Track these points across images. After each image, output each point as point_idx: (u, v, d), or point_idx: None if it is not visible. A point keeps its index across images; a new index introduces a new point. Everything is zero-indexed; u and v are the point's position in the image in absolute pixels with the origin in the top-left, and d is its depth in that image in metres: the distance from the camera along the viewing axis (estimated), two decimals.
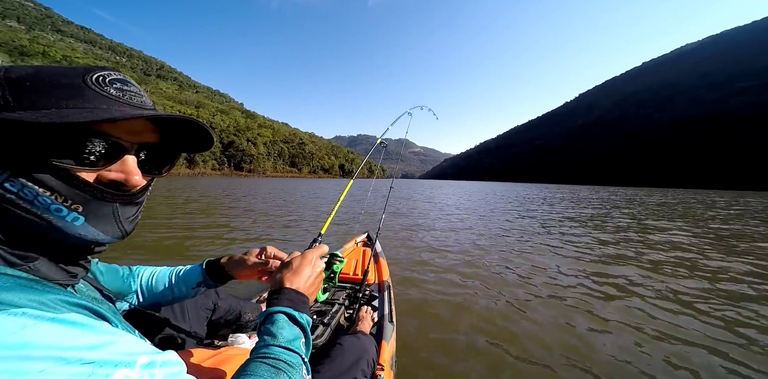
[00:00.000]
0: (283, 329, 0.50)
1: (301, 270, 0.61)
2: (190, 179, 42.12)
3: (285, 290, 0.57)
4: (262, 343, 0.48)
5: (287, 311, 0.53)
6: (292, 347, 0.47)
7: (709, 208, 12.71)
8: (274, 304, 0.54)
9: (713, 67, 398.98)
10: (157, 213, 6.76)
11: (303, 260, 0.63)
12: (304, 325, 0.53)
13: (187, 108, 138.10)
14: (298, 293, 0.58)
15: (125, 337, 0.32)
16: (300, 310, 0.55)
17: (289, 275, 0.60)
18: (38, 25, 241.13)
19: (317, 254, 0.67)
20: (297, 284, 0.59)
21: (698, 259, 3.96)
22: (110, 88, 0.36)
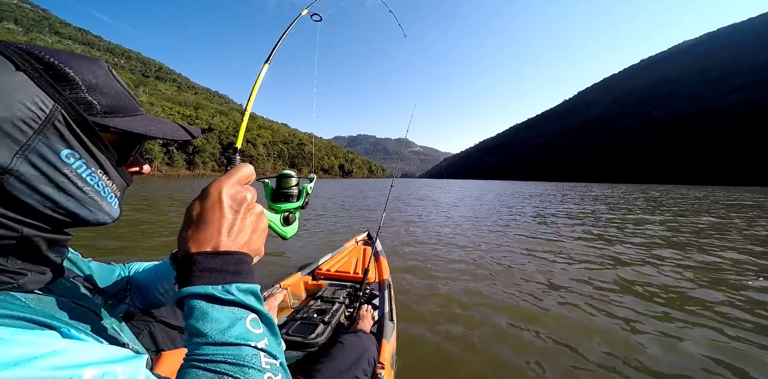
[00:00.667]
0: (205, 318, 0.33)
1: (206, 218, 0.36)
2: (190, 181, 42.26)
3: (192, 257, 0.34)
4: (188, 344, 0.33)
5: (202, 291, 0.33)
6: (228, 338, 0.32)
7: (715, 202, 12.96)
8: (184, 284, 0.34)
9: (710, 64, 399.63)
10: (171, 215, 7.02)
11: (204, 202, 0.37)
12: (238, 300, 0.34)
13: (186, 109, 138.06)
14: (217, 255, 0.35)
15: (73, 346, 0.28)
16: (228, 280, 0.35)
17: (189, 232, 0.36)
18: (36, 27, 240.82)
19: (231, 182, 0.39)
20: (208, 241, 0.35)
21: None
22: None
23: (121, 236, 4.44)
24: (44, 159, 0.33)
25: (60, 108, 0.33)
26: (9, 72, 0.31)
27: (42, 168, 0.33)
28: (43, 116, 0.32)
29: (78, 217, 0.37)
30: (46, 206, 0.34)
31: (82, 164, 0.36)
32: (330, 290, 1.60)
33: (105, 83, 0.38)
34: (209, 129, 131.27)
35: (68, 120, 0.34)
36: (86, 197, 0.37)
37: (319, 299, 1.49)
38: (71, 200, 0.36)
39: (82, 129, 0.35)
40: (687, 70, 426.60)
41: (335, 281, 1.81)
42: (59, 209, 0.35)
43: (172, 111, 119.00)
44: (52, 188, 0.34)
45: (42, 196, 0.33)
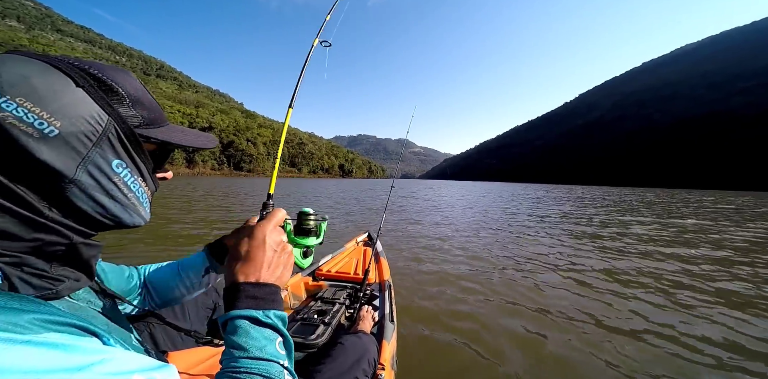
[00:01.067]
0: (247, 336, 0.41)
1: (252, 255, 0.48)
2: (191, 179, 41.86)
3: (240, 286, 0.45)
4: (228, 356, 0.40)
5: (248, 314, 0.43)
6: (264, 355, 0.40)
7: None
8: (232, 307, 0.44)
9: (713, 67, 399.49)
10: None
11: (252, 242, 0.49)
12: (275, 324, 0.44)
13: (187, 108, 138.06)
14: (259, 286, 0.46)
15: (118, 354, 0.30)
16: (266, 307, 0.45)
17: (239, 265, 0.47)
18: (38, 25, 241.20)
19: (271, 226, 0.51)
20: (254, 274, 0.46)
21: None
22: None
23: (122, 234, 4.42)
24: (99, 169, 0.37)
25: (112, 121, 0.37)
26: (70, 88, 0.34)
27: (97, 177, 0.37)
28: (100, 130, 0.36)
29: (121, 221, 0.41)
30: (97, 212, 0.38)
31: (128, 173, 0.40)
32: (330, 291, 1.62)
33: (143, 96, 0.42)
34: (210, 128, 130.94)
35: (119, 132, 0.38)
36: (129, 202, 0.41)
37: (320, 300, 1.50)
38: (118, 205, 0.40)
39: (129, 140, 0.40)
40: (689, 73, 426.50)
41: (335, 281, 1.82)
42: (107, 215, 0.39)
43: (173, 110, 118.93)
44: (104, 195, 0.38)
45: (96, 203, 0.38)
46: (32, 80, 0.32)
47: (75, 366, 0.26)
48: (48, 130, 0.32)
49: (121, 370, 0.28)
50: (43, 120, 0.32)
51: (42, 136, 0.32)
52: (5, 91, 0.31)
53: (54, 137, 0.32)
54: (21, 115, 0.31)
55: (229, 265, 0.48)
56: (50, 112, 0.32)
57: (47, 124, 0.32)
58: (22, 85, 0.32)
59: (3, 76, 0.31)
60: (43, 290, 0.35)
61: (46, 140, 0.32)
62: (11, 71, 0.32)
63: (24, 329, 0.27)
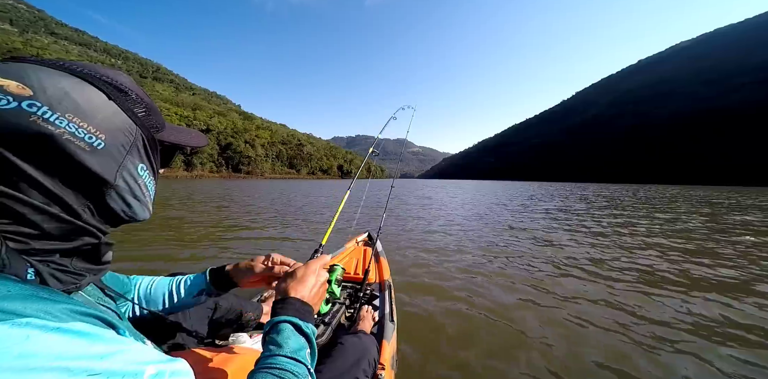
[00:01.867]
0: (288, 338, 0.49)
1: (305, 279, 0.61)
2: (190, 182, 41.72)
3: (290, 299, 0.56)
4: (268, 353, 0.47)
5: (293, 320, 0.52)
6: (298, 357, 0.47)
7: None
8: (280, 313, 0.54)
9: (708, 65, 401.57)
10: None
11: (307, 270, 0.63)
12: (309, 335, 0.53)
13: (184, 110, 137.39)
14: (303, 303, 0.57)
15: (133, 345, 0.32)
16: (305, 320, 0.54)
17: (293, 283, 0.60)
18: (31, 28, 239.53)
19: (320, 264, 0.67)
20: (302, 293, 0.59)
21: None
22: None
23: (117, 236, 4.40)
24: (130, 173, 0.41)
25: (139, 131, 0.41)
26: (105, 103, 0.37)
27: (128, 181, 0.41)
28: (131, 139, 0.40)
29: (137, 217, 0.45)
30: (124, 211, 0.42)
31: (147, 174, 0.45)
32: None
33: (152, 102, 0.45)
34: (207, 130, 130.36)
35: (144, 139, 0.42)
36: (146, 200, 0.46)
37: None
38: (138, 204, 0.44)
39: (150, 145, 0.44)
40: (684, 70, 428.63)
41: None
42: (131, 213, 0.44)
43: (170, 112, 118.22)
44: (132, 196, 0.42)
45: (125, 203, 0.42)
46: (72, 95, 0.34)
47: (98, 354, 0.28)
48: (96, 143, 0.35)
49: (138, 360, 0.30)
50: (92, 134, 0.35)
51: (92, 149, 0.35)
52: (55, 108, 0.32)
53: (101, 149, 0.36)
54: (73, 130, 0.33)
55: (284, 281, 0.62)
56: (95, 126, 0.35)
57: (95, 138, 0.35)
58: (67, 101, 0.33)
59: (47, 91, 0.33)
60: (69, 284, 0.38)
61: (95, 152, 0.35)
62: (52, 86, 0.33)
63: (54, 318, 0.28)
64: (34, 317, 0.27)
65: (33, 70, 0.34)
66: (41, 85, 0.32)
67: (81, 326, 0.29)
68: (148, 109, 0.44)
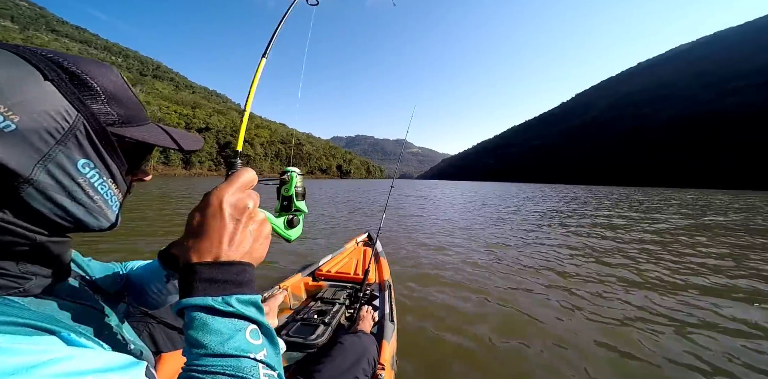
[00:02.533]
0: (204, 329, 0.32)
1: (207, 227, 0.36)
2: (188, 180, 41.70)
3: (193, 267, 0.34)
4: (188, 354, 0.33)
5: (203, 303, 0.33)
6: (228, 350, 0.32)
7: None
8: (185, 294, 0.34)
9: (708, 67, 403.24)
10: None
11: (206, 209, 0.36)
12: (239, 312, 0.34)
13: (184, 108, 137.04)
14: (217, 265, 0.35)
15: (73, 353, 0.28)
16: (228, 291, 0.34)
17: (191, 242, 0.36)
18: (32, 25, 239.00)
19: (232, 189, 0.38)
20: (209, 251, 0.35)
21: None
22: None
23: (114, 234, 4.41)
24: (62, 168, 0.33)
25: (82, 118, 0.34)
26: (37, 82, 0.31)
27: (58, 177, 0.33)
28: (66, 127, 0.32)
29: (83, 224, 0.37)
30: (56, 214, 0.34)
31: (95, 174, 0.36)
32: (330, 291, 1.60)
33: (121, 93, 0.39)
34: (206, 128, 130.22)
35: (89, 130, 0.34)
36: (95, 205, 0.37)
37: (320, 300, 1.49)
38: (80, 208, 0.36)
39: (99, 139, 0.36)
40: (684, 73, 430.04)
41: (335, 282, 1.83)
42: (68, 217, 0.36)
43: (169, 110, 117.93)
44: (65, 197, 0.34)
45: (54, 204, 0.34)
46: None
47: (9, 370, 0.23)
48: (3, 125, 0.29)
49: (72, 370, 0.26)
50: (0, 114, 0.29)
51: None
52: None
53: (10, 133, 0.29)
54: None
55: (181, 243, 0.38)
56: (9, 106, 0.29)
57: (3, 119, 0.29)
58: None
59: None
60: (9, 289, 0.34)
61: (1, 136, 0.29)
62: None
63: None
64: None
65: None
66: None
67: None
68: (110, 98, 0.37)
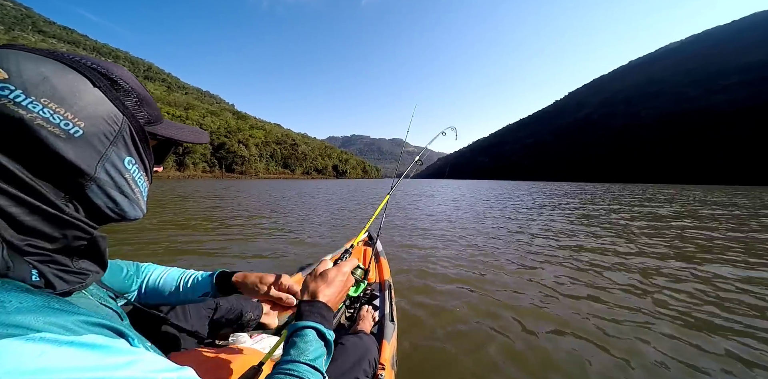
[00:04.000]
0: (311, 345, 0.50)
1: (335, 282, 0.61)
2: (181, 182, 41.14)
3: (318, 303, 0.57)
4: (289, 357, 0.48)
5: (318, 327, 0.53)
6: (316, 365, 0.48)
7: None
8: (306, 317, 0.54)
9: (696, 65, 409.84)
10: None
11: (338, 273, 0.63)
12: (330, 342, 0.54)
13: (176, 110, 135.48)
14: (328, 308, 0.58)
15: (145, 355, 0.32)
16: (328, 326, 0.55)
17: (323, 286, 0.60)
18: (18, 26, 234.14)
19: (350, 267, 0.67)
20: (329, 297, 0.59)
21: None
22: None
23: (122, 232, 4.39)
24: (114, 166, 0.38)
25: (127, 121, 0.39)
26: (89, 89, 0.35)
27: (112, 174, 0.38)
28: (116, 129, 0.38)
29: (126, 215, 0.42)
30: (108, 207, 0.40)
31: (136, 169, 0.42)
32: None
33: (147, 94, 0.44)
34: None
35: (132, 131, 0.40)
36: (135, 197, 0.43)
37: None
38: (126, 200, 0.41)
39: (139, 138, 0.41)
40: (674, 70, 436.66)
41: None
42: (116, 209, 0.41)
43: (162, 112, 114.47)
44: (117, 191, 0.40)
45: (109, 198, 0.39)
46: (52, 80, 0.32)
47: (112, 365, 0.28)
48: (73, 130, 0.33)
49: (150, 369, 0.30)
50: (69, 121, 0.33)
51: (68, 136, 0.33)
52: (30, 92, 0.31)
53: (78, 138, 0.34)
54: (47, 116, 0.31)
55: (314, 281, 0.62)
56: (74, 113, 0.33)
57: (72, 125, 0.33)
58: (44, 86, 0.32)
59: (24, 75, 0.31)
60: (75, 284, 0.37)
61: (72, 141, 0.33)
62: (31, 71, 0.32)
63: (66, 331, 0.28)
64: (46, 331, 0.27)
65: (15, 55, 0.32)
66: (19, 69, 0.31)
67: (93, 339, 0.29)
68: (141, 100, 0.42)
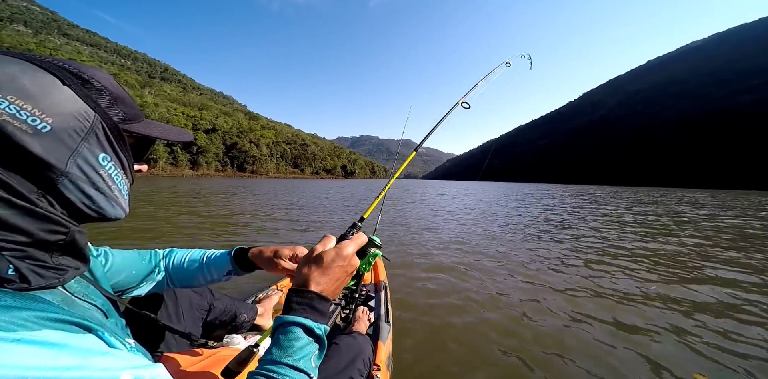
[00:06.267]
0: (297, 343, 0.45)
1: (331, 268, 0.52)
2: (196, 180, 41.91)
3: (308, 293, 0.49)
4: (271, 357, 0.44)
5: (305, 323, 0.47)
6: (301, 366, 0.44)
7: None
8: (294, 311, 0.48)
9: (720, 65, 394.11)
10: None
11: (337, 257, 0.53)
12: (321, 337, 0.48)
13: (191, 110, 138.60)
14: (322, 298, 0.50)
15: (109, 352, 0.31)
16: (320, 320, 0.49)
17: (316, 273, 0.51)
18: (44, 29, 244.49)
19: (355, 248, 0.56)
20: (323, 285, 0.51)
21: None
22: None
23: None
24: (87, 162, 0.39)
25: (99, 118, 0.40)
26: (58, 87, 0.36)
27: (85, 170, 0.39)
28: (87, 126, 0.38)
29: (104, 213, 0.43)
30: (84, 203, 0.40)
31: (112, 166, 0.43)
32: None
33: (122, 93, 0.44)
34: (213, 130, 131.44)
35: (105, 128, 0.40)
36: (113, 194, 0.43)
37: None
38: (102, 197, 0.42)
39: (113, 135, 0.42)
40: (696, 70, 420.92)
41: None
42: (93, 206, 0.41)
43: (177, 112, 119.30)
44: (92, 187, 0.40)
45: (83, 194, 0.40)
46: (20, 79, 0.33)
47: (64, 365, 0.26)
48: (41, 126, 0.34)
49: (111, 366, 0.29)
50: (36, 117, 0.33)
51: (35, 131, 0.33)
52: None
53: (47, 133, 0.34)
54: (14, 112, 0.32)
55: (306, 266, 0.52)
56: (41, 109, 0.34)
57: (40, 121, 0.34)
58: (11, 84, 0.32)
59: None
60: (52, 279, 0.36)
61: (39, 136, 0.33)
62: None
63: (17, 327, 0.27)
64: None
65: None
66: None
67: (47, 335, 0.28)
68: (115, 98, 0.43)
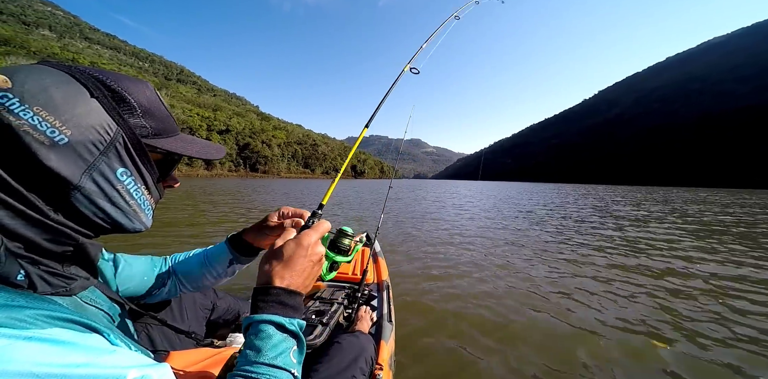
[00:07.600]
0: (269, 341, 0.43)
1: (294, 260, 0.49)
2: (209, 181, 43.27)
3: (274, 289, 0.46)
4: (245, 358, 0.42)
5: (275, 320, 0.44)
6: (279, 363, 0.42)
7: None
8: (261, 309, 0.45)
9: (744, 60, 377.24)
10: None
11: (298, 247, 0.50)
12: (296, 331, 0.46)
13: (205, 111, 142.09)
14: (290, 293, 0.47)
15: (116, 351, 0.32)
16: (291, 315, 0.46)
17: (278, 268, 0.48)
18: (68, 33, 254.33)
19: (317, 236, 0.53)
20: (289, 279, 0.48)
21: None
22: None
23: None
24: (104, 176, 0.39)
25: (121, 131, 0.39)
26: (85, 99, 0.36)
27: (101, 184, 0.39)
28: (108, 139, 0.38)
29: (120, 226, 0.43)
30: (98, 216, 0.40)
31: (131, 181, 0.42)
32: (328, 291, 1.60)
33: (155, 107, 0.44)
34: (226, 130, 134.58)
35: (126, 142, 0.40)
36: (130, 209, 0.43)
37: (318, 300, 1.50)
38: (119, 212, 0.42)
39: (135, 150, 0.41)
40: (717, 66, 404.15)
41: (333, 281, 1.85)
42: (108, 220, 0.41)
43: (192, 113, 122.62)
44: (106, 202, 0.40)
45: (97, 208, 0.39)
46: (50, 90, 0.34)
47: (74, 362, 0.27)
48: (58, 138, 0.34)
49: (119, 364, 0.30)
50: (55, 128, 0.33)
51: (52, 143, 0.33)
52: (25, 100, 0.32)
53: (63, 145, 0.34)
54: (35, 123, 0.32)
55: (267, 262, 0.49)
56: (63, 121, 0.34)
57: (58, 133, 0.34)
58: (40, 95, 0.33)
59: (26, 85, 0.33)
60: (59, 287, 0.37)
61: (55, 148, 0.34)
62: (34, 81, 0.34)
63: (28, 325, 0.28)
64: (4, 326, 0.27)
65: (31, 68, 0.35)
66: (23, 79, 0.33)
67: (57, 333, 0.29)
68: (144, 112, 0.42)
